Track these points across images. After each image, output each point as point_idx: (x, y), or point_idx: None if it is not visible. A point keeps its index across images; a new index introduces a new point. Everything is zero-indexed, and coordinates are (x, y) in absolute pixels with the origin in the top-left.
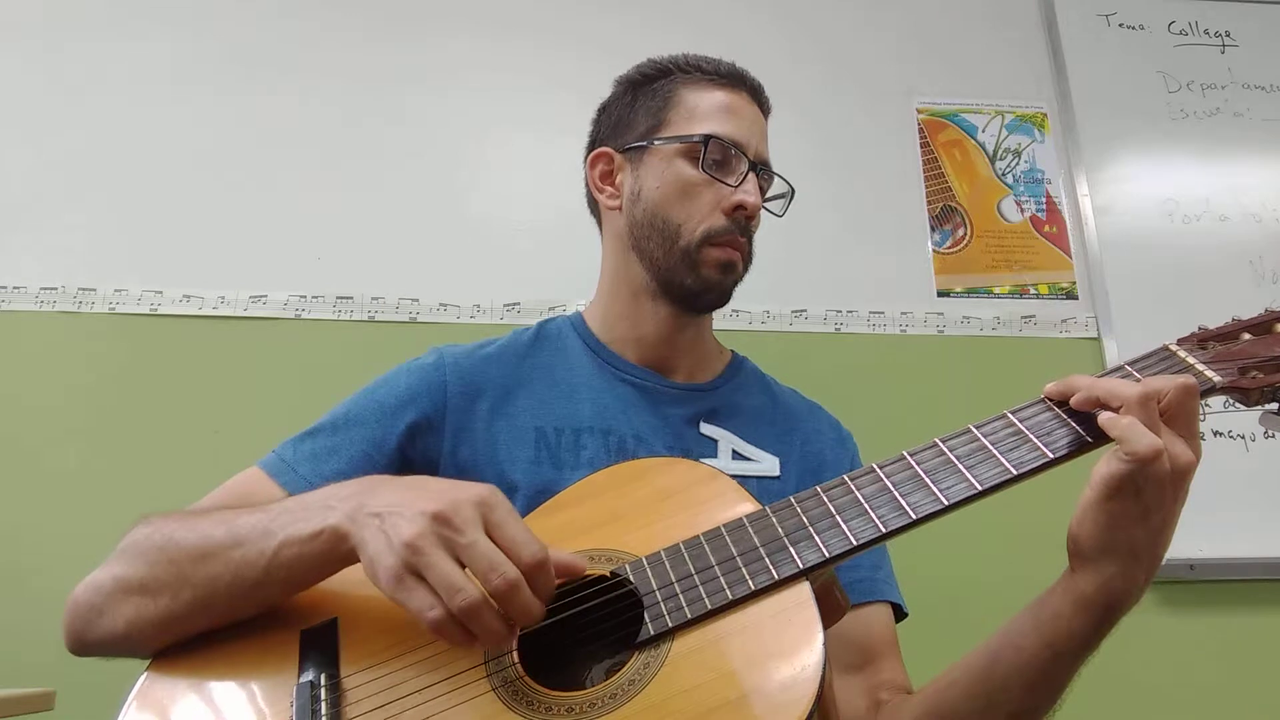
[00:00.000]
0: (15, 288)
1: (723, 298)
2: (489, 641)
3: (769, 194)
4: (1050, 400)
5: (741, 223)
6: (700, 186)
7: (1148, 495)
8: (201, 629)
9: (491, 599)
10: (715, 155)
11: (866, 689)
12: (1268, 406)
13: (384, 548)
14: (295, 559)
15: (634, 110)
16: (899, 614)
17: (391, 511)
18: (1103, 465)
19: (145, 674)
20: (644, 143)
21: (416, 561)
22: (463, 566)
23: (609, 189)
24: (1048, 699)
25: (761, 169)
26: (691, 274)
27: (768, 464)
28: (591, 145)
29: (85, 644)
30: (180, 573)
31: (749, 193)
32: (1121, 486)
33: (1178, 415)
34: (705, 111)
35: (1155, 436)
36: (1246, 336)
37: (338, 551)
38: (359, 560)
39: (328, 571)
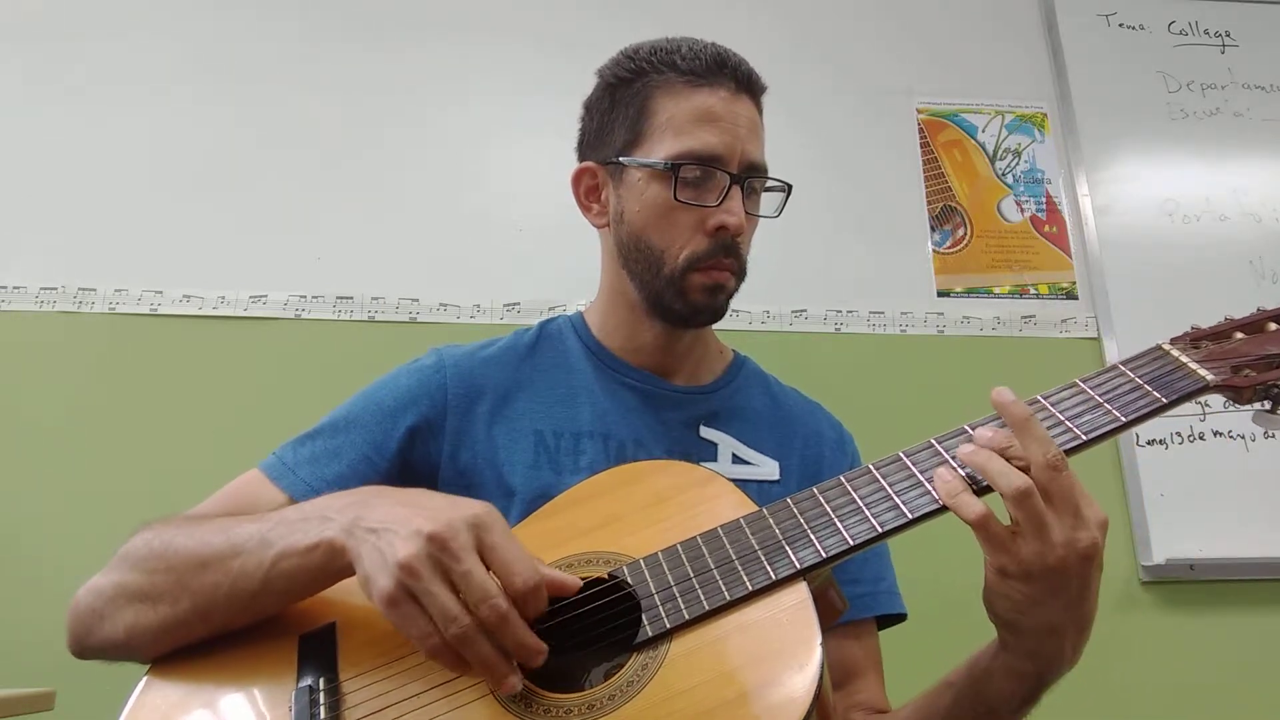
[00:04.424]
0: (15, 288)
1: (716, 315)
2: (483, 670)
3: (767, 185)
4: (1042, 399)
5: (727, 242)
6: (678, 211)
7: (1044, 580)
8: (201, 636)
9: (483, 627)
10: (690, 176)
11: (840, 709)
12: (1260, 405)
13: (379, 567)
14: (293, 570)
15: (612, 118)
16: (899, 619)
17: (387, 528)
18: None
19: (144, 679)
20: (621, 161)
21: (412, 585)
22: (457, 592)
23: (595, 206)
24: None
25: (747, 177)
26: (679, 299)
27: (768, 468)
28: (578, 151)
29: (86, 648)
30: (179, 581)
31: (731, 212)
32: (1005, 572)
33: (1051, 497)
34: (681, 123)
35: (977, 510)
36: (1239, 335)
37: (334, 565)
38: (355, 574)
39: (325, 584)
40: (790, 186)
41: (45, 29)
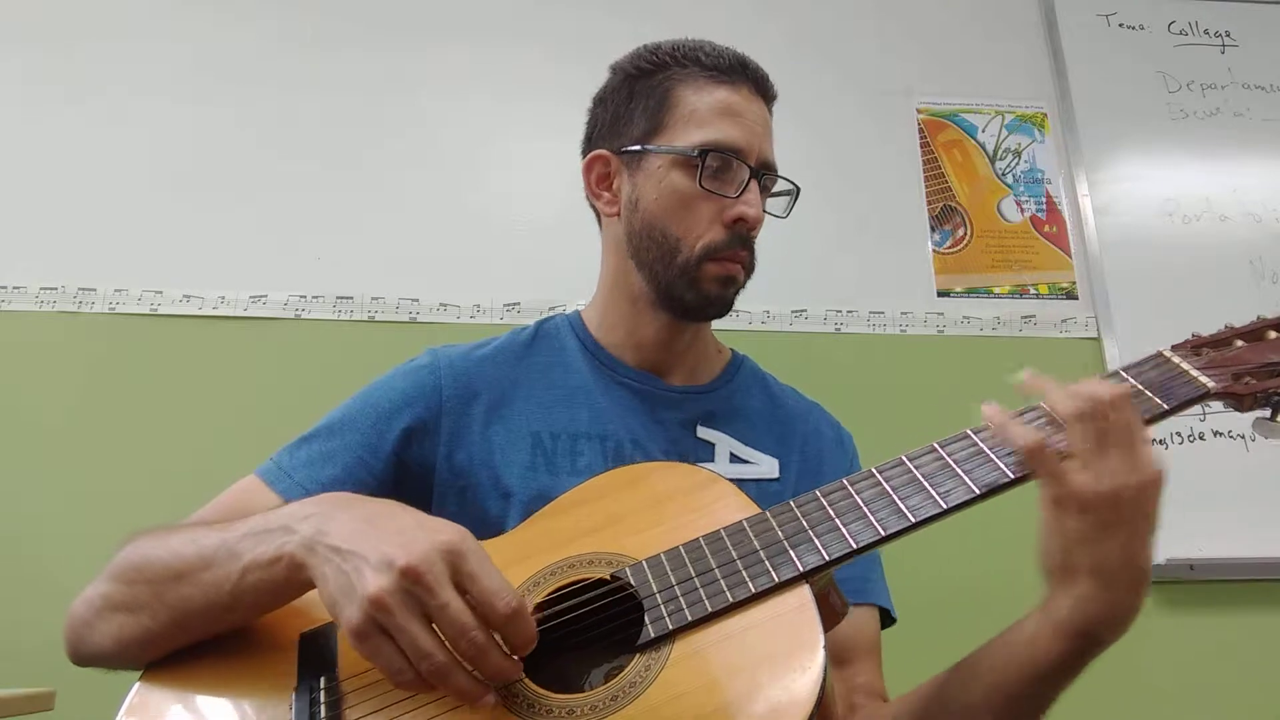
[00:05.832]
0: (15, 288)
1: (724, 309)
2: (457, 697)
3: (774, 189)
4: (1044, 406)
5: (743, 234)
6: (699, 199)
7: (1097, 511)
8: (186, 644)
9: (462, 660)
10: (713, 165)
11: (841, 692)
12: (1260, 413)
13: (347, 595)
14: (259, 584)
15: (630, 109)
16: (887, 619)
17: (354, 551)
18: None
19: (140, 680)
20: (641, 148)
21: (384, 621)
22: (431, 623)
23: (606, 194)
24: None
25: (763, 174)
26: (691, 289)
27: (766, 466)
28: (587, 142)
29: (81, 656)
30: (156, 593)
31: (750, 204)
32: (1059, 503)
33: (1110, 429)
34: (704, 115)
35: (1031, 436)
36: (1239, 343)
37: (297, 579)
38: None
39: (292, 597)
40: (799, 188)
41: (45, 30)
